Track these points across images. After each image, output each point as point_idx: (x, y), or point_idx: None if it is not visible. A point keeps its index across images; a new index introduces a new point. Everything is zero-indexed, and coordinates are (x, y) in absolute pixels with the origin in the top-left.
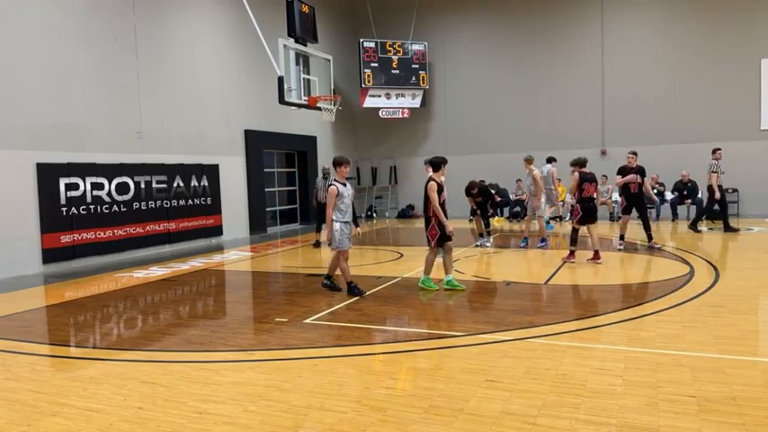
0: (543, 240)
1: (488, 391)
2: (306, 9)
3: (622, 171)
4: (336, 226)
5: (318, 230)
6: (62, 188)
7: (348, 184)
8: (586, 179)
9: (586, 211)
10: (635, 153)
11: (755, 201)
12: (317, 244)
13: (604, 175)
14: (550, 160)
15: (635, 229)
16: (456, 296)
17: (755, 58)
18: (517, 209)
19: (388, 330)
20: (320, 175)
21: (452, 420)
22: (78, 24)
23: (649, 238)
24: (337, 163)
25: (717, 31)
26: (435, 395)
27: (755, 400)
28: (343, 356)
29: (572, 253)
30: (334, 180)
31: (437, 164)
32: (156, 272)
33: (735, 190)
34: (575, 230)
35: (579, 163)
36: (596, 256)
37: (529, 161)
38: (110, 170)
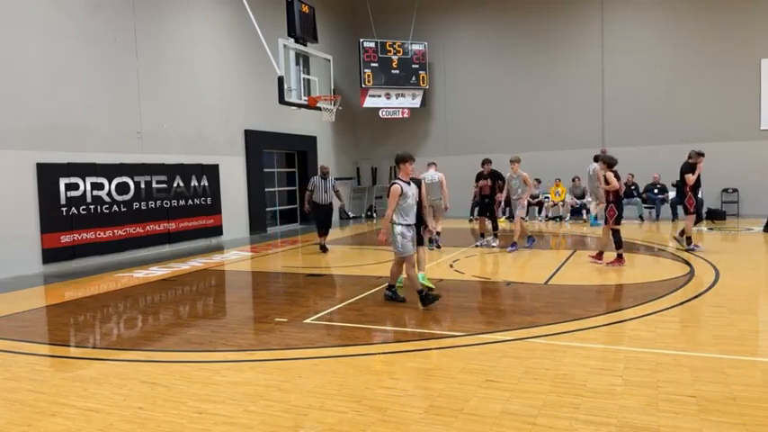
0: (530, 239)
1: (488, 391)
2: (306, 9)
3: (690, 169)
4: (398, 229)
5: (323, 234)
6: (62, 188)
7: (413, 184)
8: (618, 179)
9: (621, 211)
10: (701, 153)
11: (755, 201)
12: (324, 248)
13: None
14: (597, 159)
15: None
16: (450, 296)
17: (755, 58)
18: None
19: (388, 330)
20: (317, 174)
21: (452, 420)
22: (78, 24)
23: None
24: (402, 160)
25: (717, 31)
26: (435, 395)
27: (755, 400)
28: (343, 356)
29: (620, 257)
30: (398, 178)
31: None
32: (156, 272)
33: (735, 190)
34: (617, 232)
35: (611, 162)
36: (599, 256)
37: (516, 162)
38: (110, 170)
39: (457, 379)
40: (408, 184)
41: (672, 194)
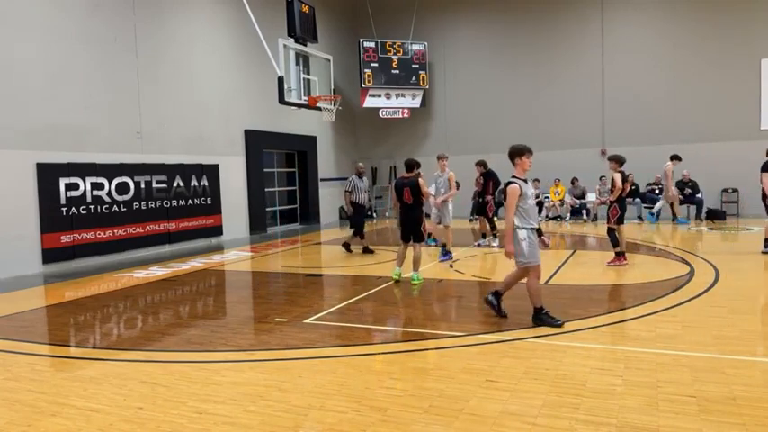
0: (447, 254)
1: (488, 391)
2: (306, 9)
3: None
4: (522, 234)
5: (358, 235)
6: (62, 188)
7: (529, 182)
8: (625, 179)
9: (624, 211)
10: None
11: (756, 201)
12: (368, 250)
13: (603, 176)
14: (673, 158)
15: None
16: (450, 296)
17: (755, 58)
18: None
19: (388, 330)
20: (355, 174)
21: (452, 420)
22: (78, 24)
23: None
24: (518, 152)
25: (717, 31)
26: (435, 395)
27: (755, 400)
28: (343, 356)
29: (621, 255)
30: (514, 177)
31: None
32: (156, 272)
33: (735, 190)
34: (613, 231)
35: (621, 161)
36: (619, 258)
37: (443, 159)
38: (110, 170)
39: (457, 379)
40: (525, 181)
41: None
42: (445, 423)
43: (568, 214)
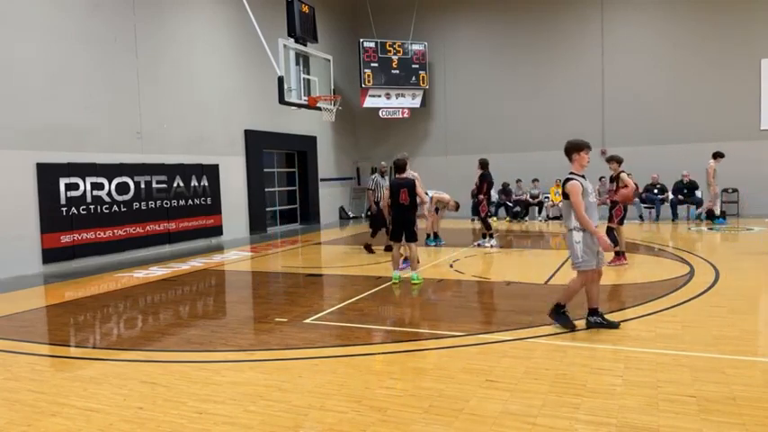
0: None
1: (488, 391)
2: (306, 9)
3: None
4: (577, 236)
5: (377, 233)
6: (62, 188)
7: (587, 179)
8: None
9: (626, 212)
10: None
11: (756, 201)
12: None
13: (603, 177)
14: (716, 155)
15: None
16: (450, 296)
17: (755, 58)
18: (517, 209)
19: (388, 330)
20: (377, 173)
21: (452, 420)
22: (78, 24)
23: None
24: (577, 147)
25: (717, 31)
26: (435, 395)
27: (755, 400)
28: (343, 356)
29: (621, 254)
30: (572, 173)
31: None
32: (156, 272)
33: (735, 190)
34: (613, 231)
35: (621, 161)
36: (620, 258)
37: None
38: (110, 170)
39: (457, 379)
40: (584, 177)
41: (671, 195)
42: (445, 423)
43: None
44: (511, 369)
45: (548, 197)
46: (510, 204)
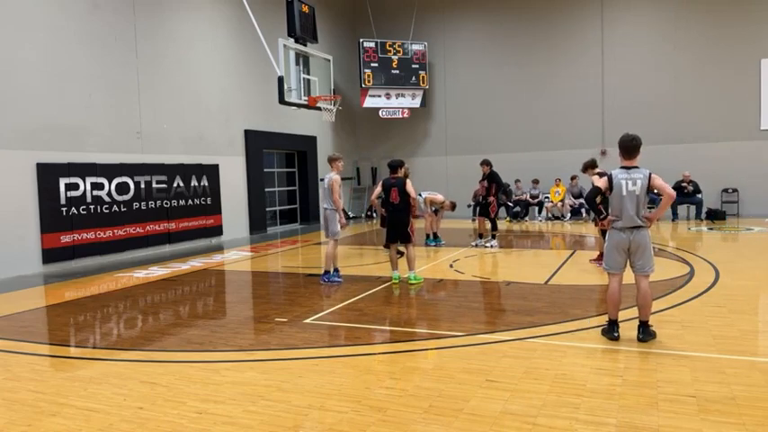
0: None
1: (488, 391)
2: (306, 9)
3: None
4: (608, 235)
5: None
6: (62, 188)
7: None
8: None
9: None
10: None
11: (755, 201)
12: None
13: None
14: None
15: None
16: (450, 296)
17: (755, 58)
18: (517, 209)
19: (388, 330)
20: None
21: (452, 420)
22: (78, 24)
23: None
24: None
25: (716, 31)
26: (435, 395)
27: (755, 400)
28: (343, 356)
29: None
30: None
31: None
32: (156, 272)
33: (735, 190)
34: (605, 232)
35: (596, 165)
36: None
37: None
38: (110, 170)
39: (457, 379)
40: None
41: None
42: (445, 423)
43: (568, 214)
44: (511, 369)
45: (547, 197)
46: (510, 204)
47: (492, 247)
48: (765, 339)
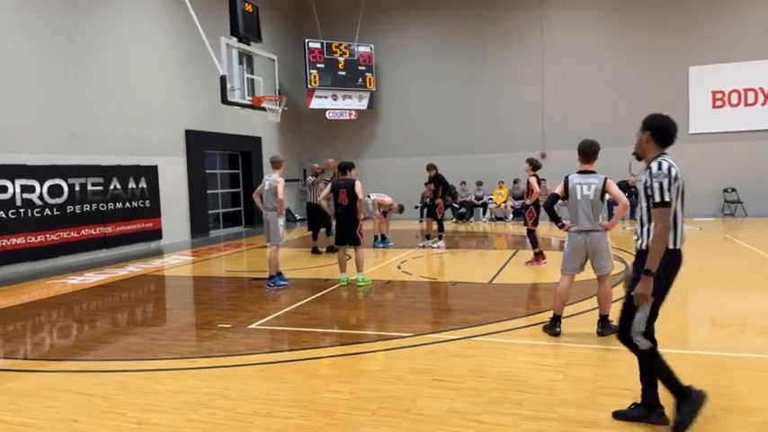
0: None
1: (435, 391)
2: (249, 8)
3: None
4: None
5: (316, 237)
6: None
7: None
8: (539, 183)
9: (539, 213)
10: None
11: (685, 201)
12: (332, 249)
13: (518, 179)
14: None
15: None
16: (398, 297)
17: (685, 66)
18: (463, 210)
19: (336, 333)
20: (310, 174)
21: (400, 421)
22: (5, 18)
23: None
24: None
25: (650, 38)
26: (383, 397)
27: None
28: (289, 361)
29: (538, 255)
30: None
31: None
32: (92, 278)
33: None
34: (533, 232)
35: (535, 165)
36: (543, 256)
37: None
38: (41, 172)
39: (404, 380)
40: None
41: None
42: (393, 424)
43: (511, 215)
44: (457, 368)
45: (491, 198)
46: (456, 206)
47: (439, 247)
48: (695, 333)
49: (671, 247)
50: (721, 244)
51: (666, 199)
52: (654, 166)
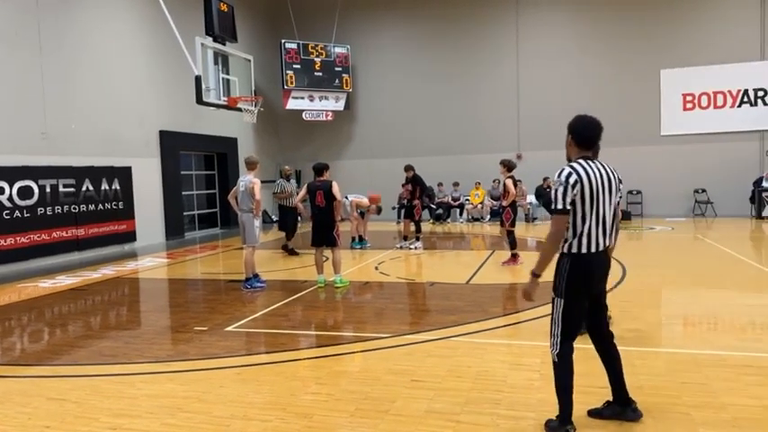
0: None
1: (413, 391)
2: (224, 7)
3: None
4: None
5: (290, 237)
6: None
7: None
8: (515, 185)
9: (516, 214)
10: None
11: (657, 202)
12: (294, 250)
13: (497, 179)
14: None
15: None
16: (376, 298)
17: (656, 69)
18: (440, 211)
19: (314, 335)
20: (280, 176)
21: (378, 422)
22: None
23: None
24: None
25: (622, 41)
26: (361, 398)
27: (660, 389)
28: (267, 364)
29: (515, 256)
30: None
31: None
32: (64, 281)
33: (638, 191)
34: (512, 233)
35: (510, 166)
36: (519, 256)
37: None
38: (11, 173)
39: (383, 380)
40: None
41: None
42: (371, 425)
43: (488, 216)
44: (435, 368)
45: (468, 199)
46: (433, 207)
47: (416, 248)
48: (668, 332)
49: (574, 251)
50: (692, 244)
51: (559, 207)
52: (558, 172)
